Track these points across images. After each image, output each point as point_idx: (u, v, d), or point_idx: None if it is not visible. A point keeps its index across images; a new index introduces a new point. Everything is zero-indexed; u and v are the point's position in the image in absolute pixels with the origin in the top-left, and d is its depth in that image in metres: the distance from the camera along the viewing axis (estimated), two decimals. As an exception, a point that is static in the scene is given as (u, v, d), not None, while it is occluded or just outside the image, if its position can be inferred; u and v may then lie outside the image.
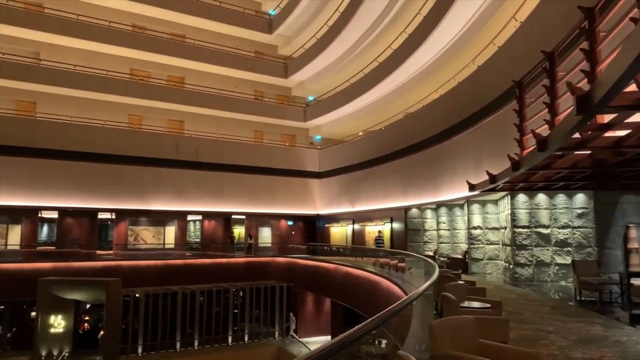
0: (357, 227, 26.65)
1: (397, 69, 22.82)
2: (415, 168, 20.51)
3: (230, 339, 22.23)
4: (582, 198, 13.68)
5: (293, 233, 29.96)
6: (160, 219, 25.90)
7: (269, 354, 21.35)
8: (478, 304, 7.29)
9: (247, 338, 22.65)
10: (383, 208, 23.14)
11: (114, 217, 24.95)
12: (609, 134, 5.93)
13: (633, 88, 4.21)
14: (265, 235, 29.55)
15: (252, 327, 22.95)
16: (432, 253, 19.30)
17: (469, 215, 17.65)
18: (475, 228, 17.49)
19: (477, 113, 15.77)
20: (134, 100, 26.38)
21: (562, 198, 13.83)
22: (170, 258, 24.59)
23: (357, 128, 28.91)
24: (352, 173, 26.11)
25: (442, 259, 18.78)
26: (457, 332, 4.24)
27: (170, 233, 26.32)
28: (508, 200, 14.45)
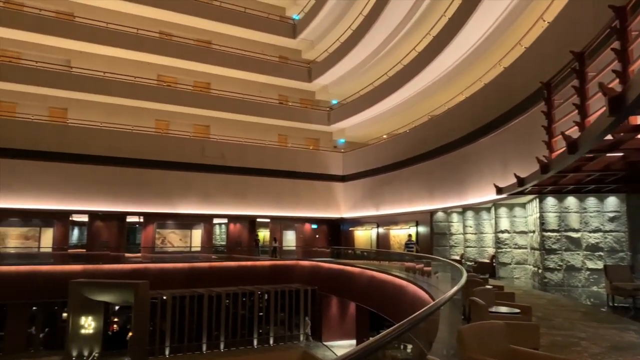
0: (381, 230, 26.52)
1: (421, 72, 22.66)
2: (441, 171, 20.31)
3: (256, 342, 22.37)
4: (614, 201, 13.33)
5: (317, 236, 30.01)
6: (187, 222, 26.28)
7: (294, 357, 21.38)
8: (507, 309, 7.17)
9: (272, 341, 22.76)
10: (408, 212, 22.97)
11: (142, 220, 25.41)
12: (643, 136, 5.78)
13: (668, 88, 4.10)
14: (290, 239, 29.66)
15: (277, 330, 23.05)
16: (458, 257, 19.08)
17: (496, 219, 17.38)
18: (503, 232, 17.21)
19: (504, 115, 15.55)
20: (161, 106, 26.87)
21: (592, 201, 13.51)
22: (197, 261, 24.90)
23: (381, 131, 28.81)
24: (376, 176, 26.00)
25: (468, 263, 18.53)
26: (486, 337, 4.18)
27: (197, 236, 26.68)
28: (536, 204, 14.18)
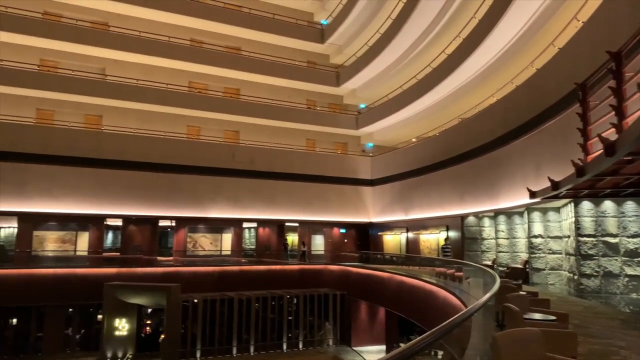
0: (411, 235, 26.28)
1: (451, 74, 22.41)
2: (472, 175, 20.01)
3: (285, 346, 22.45)
4: (653, 205, 12.88)
5: (346, 241, 29.96)
6: (218, 226, 26.64)
7: (324, 362, 21.39)
8: (542, 316, 7.00)
9: (301, 345, 22.80)
10: (438, 216, 22.71)
11: (174, 224, 25.88)
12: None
13: None
14: (318, 243, 29.71)
15: (306, 334, 23.08)
16: (490, 262, 18.71)
17: (529, 224, 17.00)
18: (536, 237, 16.81)
19: (536, 117, 15.23)
20: (193, 112, 27.36)
21: (631, 205, 13.06)
22: (227, 264, 25.19)
23: (410, 135, 28.60)
24: (405, 180, 25.81)
25: (500, 269, 18.17)
26: (522, 344, 4.10)
27: (227, 240, 27.01)
28: (571, 208, 13.81)
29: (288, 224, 28.45)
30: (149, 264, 23.33)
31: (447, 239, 21.52)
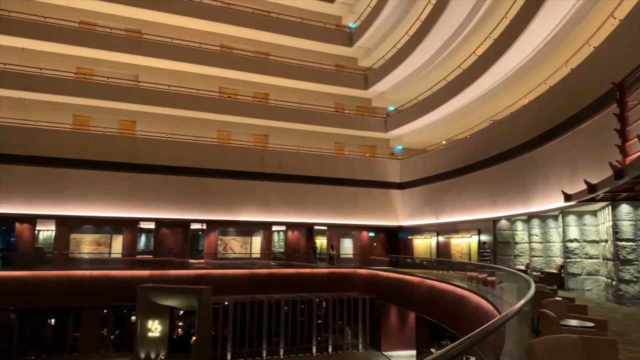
0: (441, 239, 25.93)
1: (482, 76, 22.08)
2: (504, 177, 19.63)
3: (315, 349, 22.44)
4: (697, 209, 12.37)
5: (375, 244, 29.80)
6: (247, 230, 26.90)
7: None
8: (579, 323, 6.80)
9: (330, 349, 22.76)
10: (470, 220, 22.35)
11: (205, 227, 26.26)
12: None
13: None
14: (347, 246, 29.65)
15: (335, 338, 23.04)
16: (523, 267, 18.31)
17: (565, 227, 16.55)
18: (572, 241, 16.36)
19: (571, 118, 14.85)
20: (223, 117, 27.74)
21: (673, 209, 12.59)
22: (257, 267, 25.39)
23: (440, 137, 28.26)
24: (435, 183, 25.51)
25: (534, 274, 17.74)
26: (559, 352, 3.99)
27: (257, 243, 27.25)
28: (609, 211, 13.40)
29: (317, 228, 28.49)
30: (181, 267, 23.73)
31: (484, 243, 21.01)
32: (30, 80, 23.67)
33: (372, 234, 29.80)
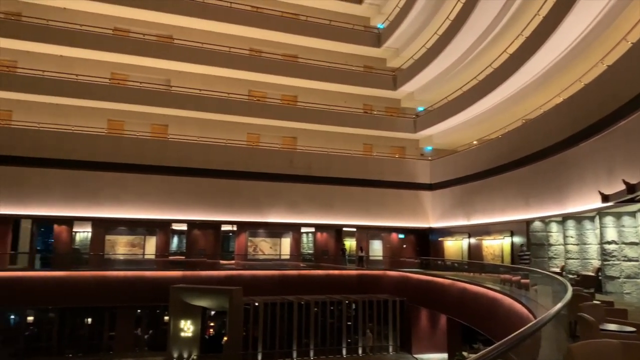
0: (473, 241, 25.52)
1: (514, 74, 21.63)
2: (538, 178, 19.19)
3: (345, 351, 22.40)
4: None
5: (405, 246, 29.54)
6: (277, 231, 27.09)
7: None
8: (619, 327, 6.59)
9: (360, 351, 22.68)
10: (502, 221, 21.93)
11: (235, 228, 26.57)
12: None
13: None
14: (376, 248, 29.49)
15: (365, 340, 22.94)
16: (558, 270, 17.84)
17: (602, 229, 16.07)
18: (610, 243, 15.86)
19: (608, 117, 14.43)
20: (252, 120, 28.02)
21: None
22: (286, 269, 25.53)
23: (470, 137, 27.82)
24: (466, 184, 25.13)
25: (570, 277, 17.28)
26: (600, 357, 3.87)
27: (286, 244, 27.40)
28: (649, 212, 12.94)
29: (346, 229, 28.46)
30: (212, 267, 24.07)
31: (523, 245, 20.41)
32: (68, 87, 24.43)
33: (401, 236, 29.56)
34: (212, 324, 23.29)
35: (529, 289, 13.99)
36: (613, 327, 6.65)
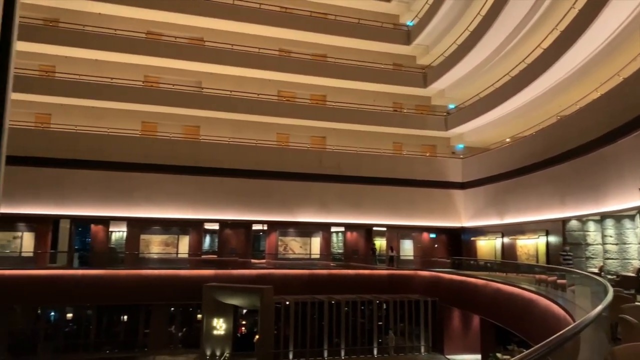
0: (506, 240, 24.99)
1: (548, 70, 21.07)
2: (574, 175, 18.67)
3: (376, 351, 22.30)
4: None
5: (436, 246, 29.17)
6: (306, 230, 27.17)
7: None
8: (664, 330, 6.33)
9: (392, 351, 22.52)
10: (537, 220, 21.42)
11: (266, 228, 26.79)
12: None
13: None
14: (407, 248, 29.22)
15: (397, 340, 22.78)
16: (596, 270, 17.33)
17: (643, 228, 15.52)
18: (652, 242, 15.30)
19: (649, 112, 13.90)
20: (281, 120, 28.18)
21: None
22: (316, 268, 25.57)
23: (503, 135, 27.26)
24: (499, 182, 24.64)
25: (609, 277, 16.73)
26: (644, 360, 3.74)
27: (316, 244, 27.45)
28: (695, 211, 12.42)
29: (376, 229, 28.31)
30: (244, 266, 24.33)
31: (566, 245, 19.47)
32: (103, 90, 25.09)
33: (433, 235, 29.20)
34: (244, 323, 23.54)
35: (566, 290, 13.64)
36: (657, 330, 6.39)
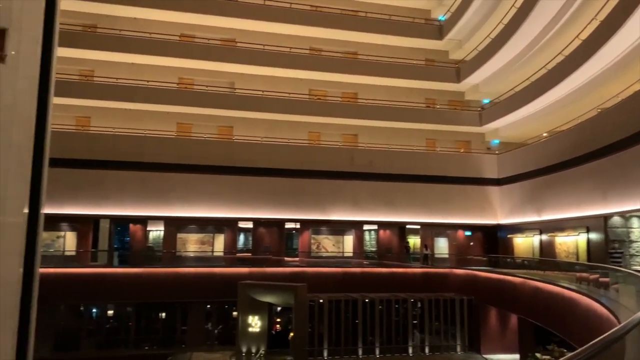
0: (545, 237, 24.35)
1: (587, 61, 20.36)
2: (617, 170, 18.02)
3: (411, 350, 22.11)
4: None
5: (472, 244, 28.67)
6: (339, 229, 27.17)
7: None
8: None
9: (427, 350, 22.30)
10: (576, 217, 20.79)
11: (299, 226, 26.94)
12: None
13: None
14: (442, 246, 28.84)
15: (432, 339, 22.53)
16: (641, 268, 16.70)
17: (692, 224, 14.86)
18: (701, 239, 14.63)
19: (697, 102, 13.29)
20: (313, 118, 28.24)
21: None
22: (349, 266, 25.54)
23: (540, 129, 26.54)
24: (537, 178, 24.02)
25: (655, 275, 16.09)
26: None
27: (348, 242, 27.42)
28: None
29: (409, 227, 28.05)
30: (277, 264, 24.53)
31: (615, 242, 18.97)
32: (139, 92, 25.72)
33: (468, 233, 28.73)
34: (278, 320, 23.71)
35: (609, 288, 13.20)
36: None
